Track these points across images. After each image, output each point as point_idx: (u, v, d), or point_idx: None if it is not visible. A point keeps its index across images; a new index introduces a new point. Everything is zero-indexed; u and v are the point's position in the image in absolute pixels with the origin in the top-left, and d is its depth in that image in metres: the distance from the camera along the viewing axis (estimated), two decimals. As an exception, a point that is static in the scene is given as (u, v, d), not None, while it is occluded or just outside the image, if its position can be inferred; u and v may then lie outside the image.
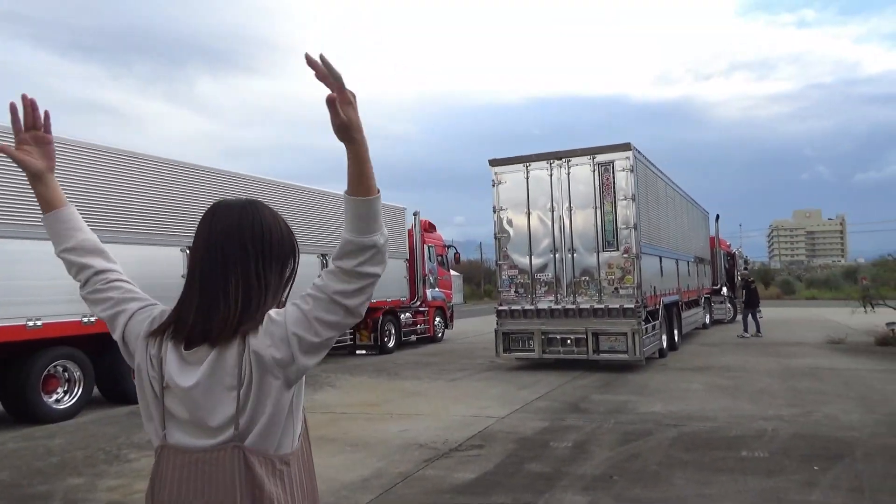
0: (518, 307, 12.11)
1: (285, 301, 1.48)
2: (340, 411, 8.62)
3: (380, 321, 15.59)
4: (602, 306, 11.48)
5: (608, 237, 11.55)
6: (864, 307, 19.50)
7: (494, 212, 12.46)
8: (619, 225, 11.47)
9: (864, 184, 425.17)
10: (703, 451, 6.12)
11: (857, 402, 8.30)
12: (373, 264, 1.35)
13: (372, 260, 1.35)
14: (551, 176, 11.97)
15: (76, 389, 8.74)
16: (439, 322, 18.83)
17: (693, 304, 17.81)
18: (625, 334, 11.20)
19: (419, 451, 6.38)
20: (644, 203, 12.12)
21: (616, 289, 11.49)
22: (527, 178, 12.14)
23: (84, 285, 1.55)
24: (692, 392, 9.32)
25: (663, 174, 14.57)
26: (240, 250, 1.41)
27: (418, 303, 17.34)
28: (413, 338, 17.32)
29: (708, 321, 20.83)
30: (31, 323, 7.97)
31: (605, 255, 11.59)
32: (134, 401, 8.20)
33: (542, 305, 11.94)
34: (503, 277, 12.40)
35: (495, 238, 12.51)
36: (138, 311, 1.50)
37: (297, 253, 1.52)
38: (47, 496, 5.32)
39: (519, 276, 12.19)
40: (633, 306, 11.25)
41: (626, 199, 11.45)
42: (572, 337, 11.60)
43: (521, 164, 12.22)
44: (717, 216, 22.74)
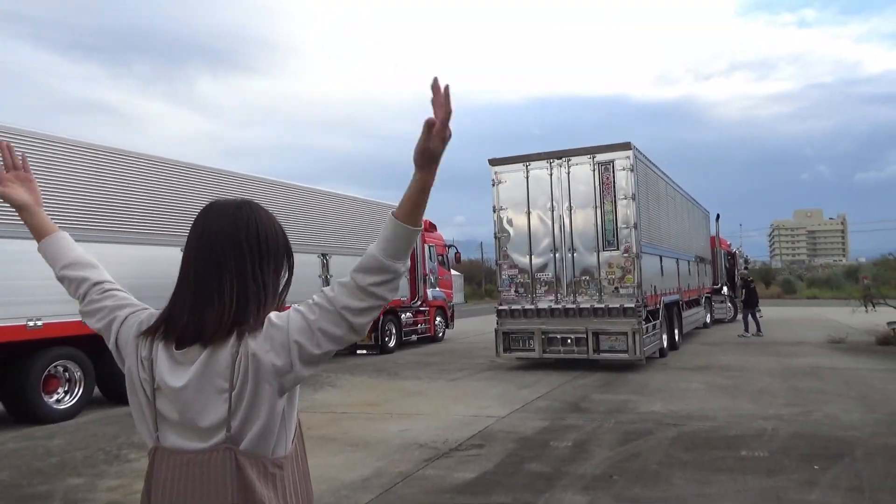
0: (518, 307, 12.11)
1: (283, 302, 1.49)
2: (341, 411, 8.62)
3: (380, 321, 15.57)
4: (602, 306, 11.47)
5: (608, 237, 11.54)
6: (865, 306, 19.50)
7: (494, 211, 12.44)
8: (619, 224, 11.46)
9: (865, 183, 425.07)
10: (702, 450, 6.12)
11: (858, 402, 8.29)
12: (386, 289, 1.38)
13: (387, 284, 1.38)
14: (551, 175, 11.97)
15: (76, 389, 8.75)
16: (440, 322, 18.84)
17: (694, 303, 17.81)
18: (625, 334, 11.20)
19: (419, 450, 6.39)
20: (644, 202, 12.11)
21: (616, 288, 11.48)
22: (527, 178, 12.14)
23: (83, 299, 1.59)
24: (692, 391, 9.32)
25: (664, 174, 14.55)
26: (235, 250, 1.41)
27: (419, 302, 17.35)
28: (414, 337, 17.34)
29: (709, 320, 20.82)
30: (31, 323, 7.98)
31: (605, 255, 11.58)
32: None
33: (543, 305, 11.93)
34: (503, 277, 12.40)
35: (495, 238, 12.50)
36: (130, 316, 1.51)
37: (292, 254, 1.52)
38: (47, 496, 5.32)
39: (519, 276, 12.18)
40: (633, 306, 11.25)
41: (626, 198, 11.44)
42: (572, 336, 11.60)
43: (520, 164, 12.21)
44: (718, 216, 22.76)
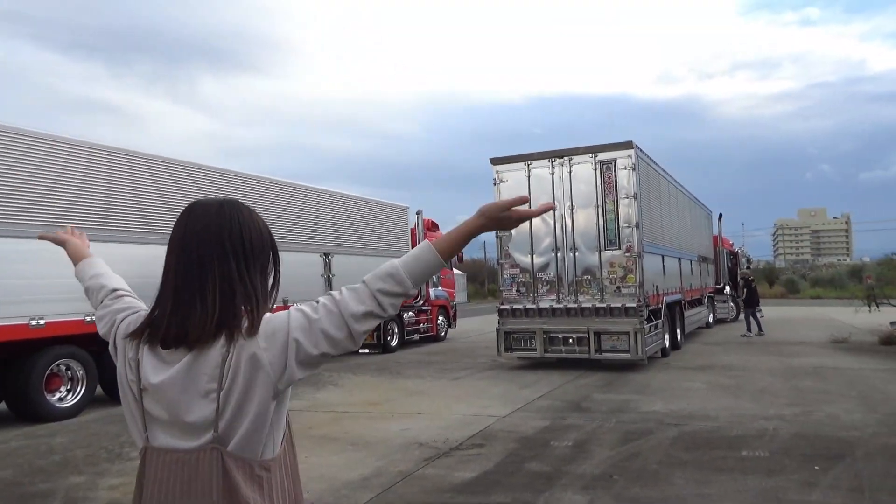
0: (520, 306, 12.10)
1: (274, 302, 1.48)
2: (342, 410, 8.64)
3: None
4: (604, 305, 11.45)
5: (610, 236, 11.52)
6: (869, 306, 19.45)
7: (496, 211, 12.42)
8: (621, 223, 11.44)
9: (870, 182, 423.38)
10: (703, 450, 6.11)
11: (860, 402, 8.27)
12: (390, 300, 1.42)
13: (393, 296, 1.42)
14: (553, 174, 11.95)
15: (79, 388, 8.79)
16: (442, 321, 18.85)
17: (696, 303, 17.77)
18: (627, 333, 11.18)
19: (420, 450, 6.39)
20: (646, 201, 12.09)
21: (618, 288, 11.46)
22: (528, 177, 12.12)
23: (100, 304, 1.65)
24: (694, 391, 9.30)
25: (666, 173, 14.52)
26: (218, 249, 1.39)
27: (421, 302, 17.36)
28: (416, 337, 17.36)
29: (711, 320, 20.79)
30: (34, 322, 8.01)
31: (607, 254, 11.56)
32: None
33: (544, 304, 11.92)
34: (505, 276, 12.39)
35: (497, 237, 12.50)
36: (126, 318, 1.52)
37: (277, 251, 1.50)
38: (49, 494, 5.35)
39: (521, 275, 12.17)
40: (635, 305, 11.23)
41: (627, 197, 11.41)
42: (574, 336, 11.59)
43: (522, 163, 12.19)
44: (720, 215, 22.73)
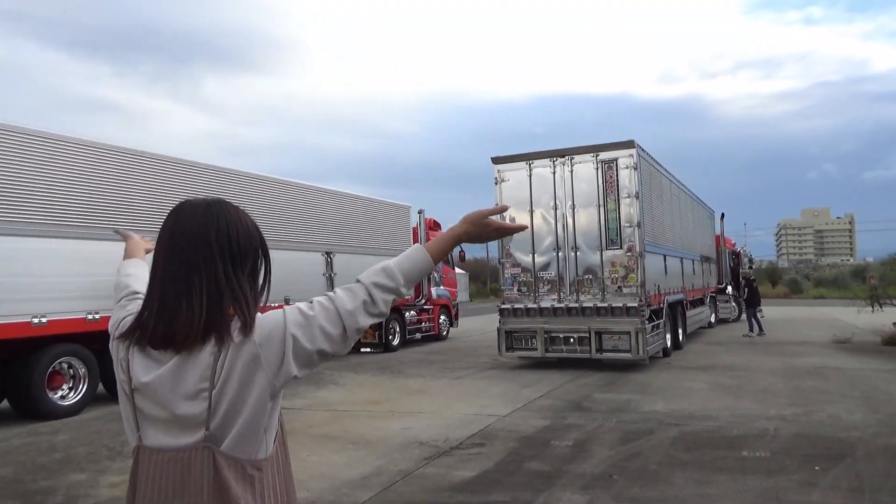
0: (521, 306, 12.09)
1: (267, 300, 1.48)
2: (343, 409, 8.65)
3: (384, 319, 15.59)
4: (605, 305, 11.44)
5: (612, 235, 11.51)
6: (872, 306, 19.43)
7: (498, 210, 12.41)
8: (622, 223, 11.43)
9: (873, 182, 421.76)
10: (703, 450, 6.11)
11: (861, 402, 8.26)
12: (384, 293, 1.47)
13: (386, 289, 1.47)
14: (554, 174, 11.94)
15: (81, 386, 8.81)
16: (444, 320, 18.86)
17: (698, 302, 17.75)
18: (628, 333, 11.17)
19: (420, 449, 6.40)
20: (648, 201, 12.08)
21: (619, 287, 11.45)
22: (530, 176, 12.12)
23: (117, 303, 1.66)
24: (695, 391, 9.30)
25: (668, 172, 14.50)
26: (205, 250, 1.38)
27: (423, 301, 17.38)
28: (418, 336, 17.37)
29: (713, 320, 20.77)
30: (36, 320, 8.03)
31: (608, 254, 11.55)
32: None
33: (545, 304, 11.91)
34: (506, 276, 12.38)
35: (498, 236, 12.47)
36: (124, 319, 1.51)
37: (267, 250, 1.49)
38: (50, 491, 5.36)
39: (522, 275, 12.17)
40: (636, 305, 11.22)
41: (629, 196, 11.40)
42: (575, 336, 11.58)
43: (523, 162, 12.19)
44: (723, 215, 22.71)
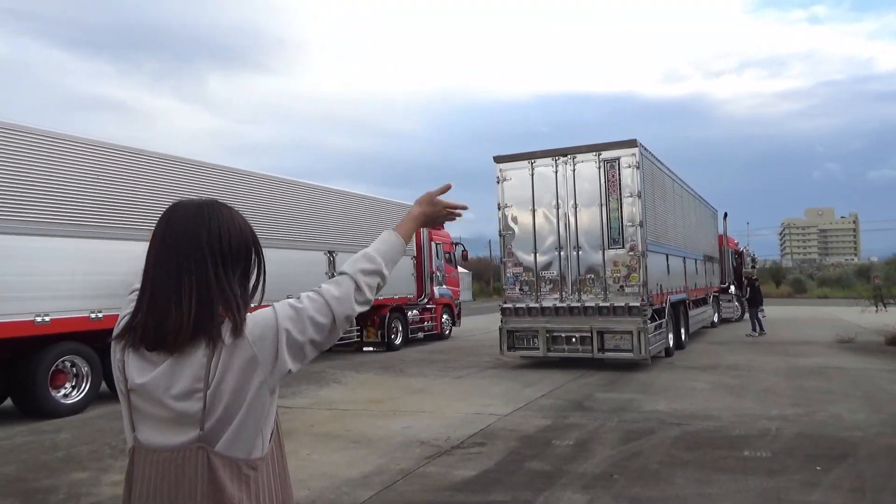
0: (522, 305, 12.08)
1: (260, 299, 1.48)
2: (345, 408, 8.66)
3: (387, 318, 15.62)
4: (607, 304, 11.42)
5: (614, 234, 11.49)
6: (876, 306, 19.38)
7: (499, 209, 12.41)
8: (624, 222, 11.41)
9: (878, 182, 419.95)
10: (705, 450, 6.10)
11: (864, 402, 8.24)
12: (367, 277, 1.54)
13: (369, 273, 1.55)
14: (556, 173, 11.93)
15: (83, 384, 8.83)
16: (446, 319, 18.86)
17: (701, 302, 17.72)
18: (630, 333, 11.15)
19: (421, 448, 6.41)
20: (650, 200, 12.05)
21: (622, 287, 11.43)
22: (532, 175, 12.11)
23: (128, 296, 1.61)
24: (697, 391, 9.28)
25: (670, 171, 14.47)
26: (196, 251, 1.38)
27: (425, 300, 17.39)
28: (420, 335, 17.38)
29: (716, 320, 20.73)
30: (39, 319, 8.05)
31: (610, 253, 11.54)
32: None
33: (547, 303, 11.90)
34: (508, 275, 12.37)
35: (500, 235, 12.48)
36: (124, 317, 1.50)
37: (260, 250, 1.49)
38: (52, 490, 5.38)
39: (524, 274, 12.15)
40: (638, 304, 11.20)
41: (632, 196, 11.38)
42: (577, 335, 11.56)
43: (525, 161, 12.18)
44: (726, 214, 22.66)
